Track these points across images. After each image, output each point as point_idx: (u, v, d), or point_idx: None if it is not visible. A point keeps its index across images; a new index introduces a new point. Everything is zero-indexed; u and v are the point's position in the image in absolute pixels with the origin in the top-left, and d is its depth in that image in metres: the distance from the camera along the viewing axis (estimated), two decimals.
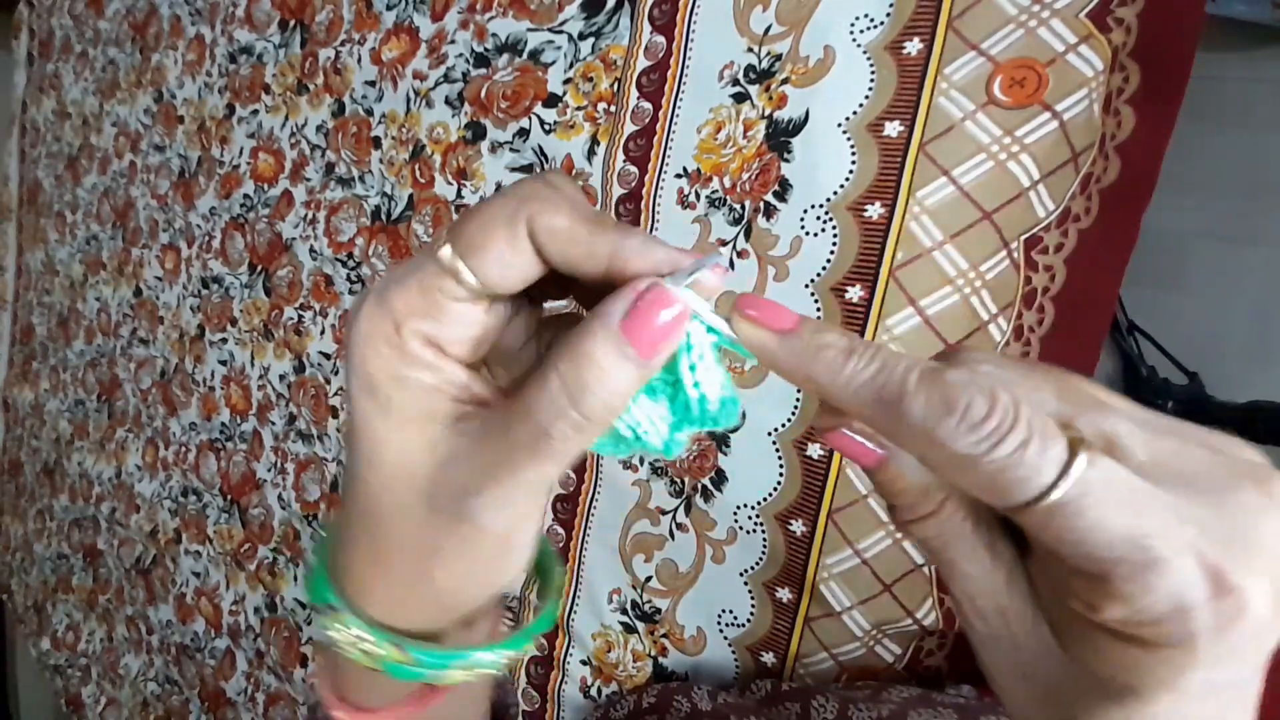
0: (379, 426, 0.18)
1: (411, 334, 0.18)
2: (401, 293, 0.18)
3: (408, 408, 0.18)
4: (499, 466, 0.18)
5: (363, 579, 0.20)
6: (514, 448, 0.17)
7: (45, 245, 1.30)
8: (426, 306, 0.18)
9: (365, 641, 0.19)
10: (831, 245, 0.48)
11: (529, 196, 0.18)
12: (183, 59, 1.00)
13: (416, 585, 0.20)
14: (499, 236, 0.17)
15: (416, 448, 0.18)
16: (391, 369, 0.18)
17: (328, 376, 0.82)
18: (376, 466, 0.19)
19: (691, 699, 0.50)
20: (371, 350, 0.18)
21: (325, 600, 0.20)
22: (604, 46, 0.59)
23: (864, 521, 0.49)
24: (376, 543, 0.19)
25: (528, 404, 0.17)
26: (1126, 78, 0.43)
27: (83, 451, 1.21)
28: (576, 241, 0.18)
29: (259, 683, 0.94)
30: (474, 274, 0.17)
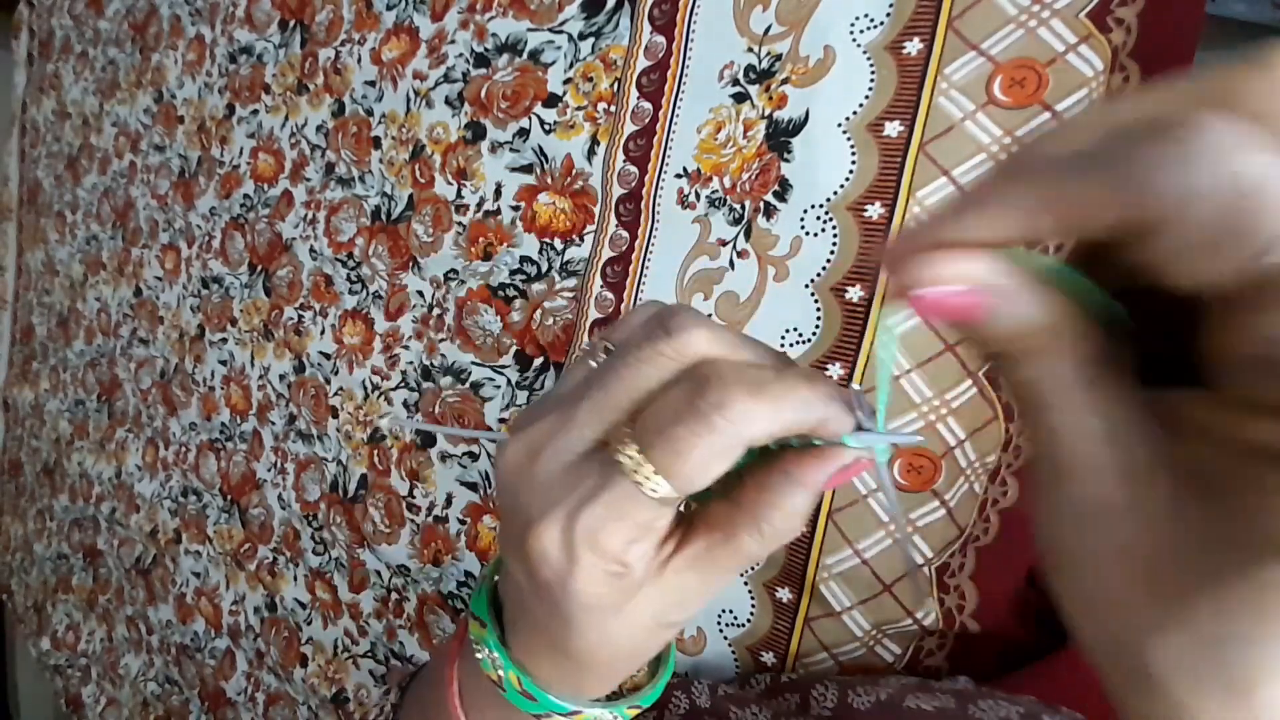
0: (611, 621, 0.20)
1: (635, 558, 0.19)
2: (617, 536, 0.19)
3: (628, 592, 0.20)
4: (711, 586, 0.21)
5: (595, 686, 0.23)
6: (721, 572, 0.20)
7: (45, 245, 1.30)
8: (643, 536, 0.19)
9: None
10: (831, 245, 0.48)
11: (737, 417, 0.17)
12: (183, 59, 1.00)
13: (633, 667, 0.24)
14: (716, 465, 0.18)
15: (634, 610, 0.20)
16: (615, 588, 0.20)
17: (328, 376, 0.82)
18: (608, 637, 0.21)
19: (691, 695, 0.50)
20: (596, 586, 0.19)
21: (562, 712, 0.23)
22: (604, 46, 0.59)
23: (864, 521, 0.49)
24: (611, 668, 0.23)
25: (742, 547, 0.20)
26: (1126, 78, 0.43)
27: (83, 451, 1.21)
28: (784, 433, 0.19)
29: (259, 683, 0.94)
30: (682, 493, 0.18)
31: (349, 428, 0.80)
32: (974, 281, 0.15)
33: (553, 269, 0.63)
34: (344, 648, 0.84)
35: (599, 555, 0.19)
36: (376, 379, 0.77)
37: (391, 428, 0.77)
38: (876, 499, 0.49)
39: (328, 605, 0.85)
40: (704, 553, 0.20)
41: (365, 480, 0.79)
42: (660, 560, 0.20)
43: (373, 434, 0.78)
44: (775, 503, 0.19)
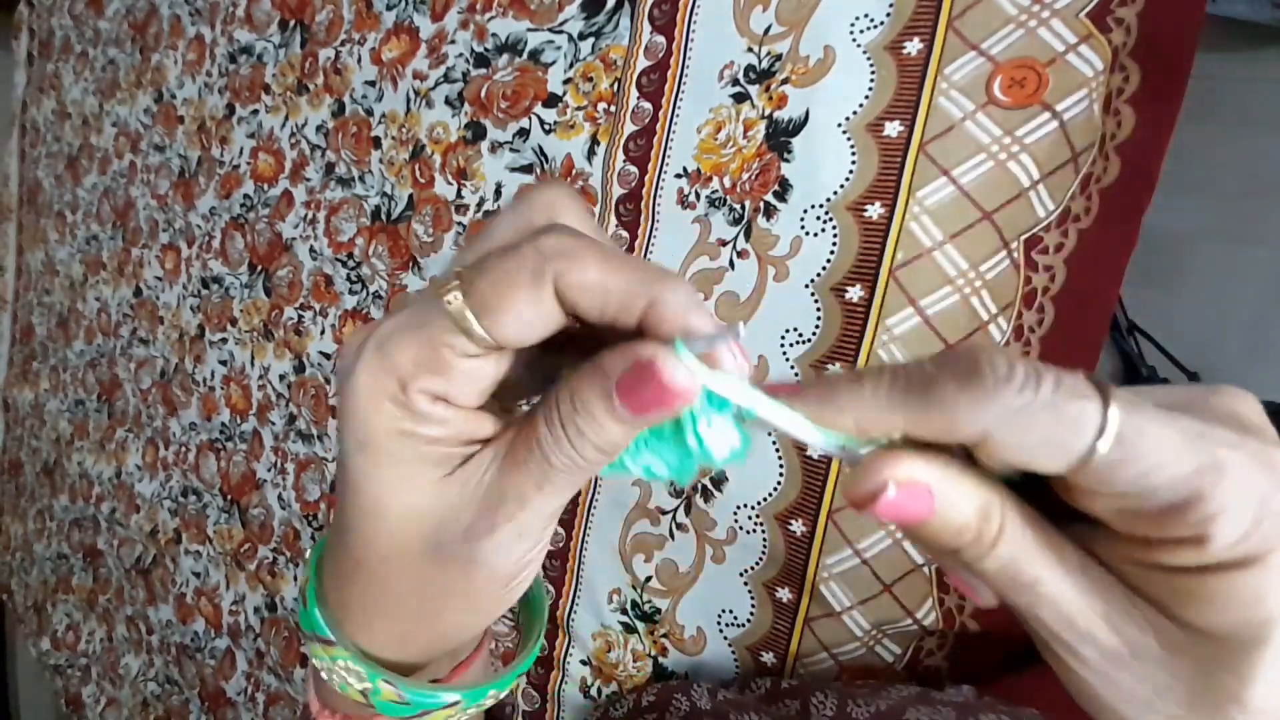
0: (380, 482, 0.18)
1: (418, 392, 0.17)
2: (407, 348, 0.17)
3: (412, 463, 0.17)
4: (508, 501, 0.17)
5: (364, 615, 0.20)
6: (524, 480, 0.17)
7: (45, 245, 1.30)
8: (435, 364, 0.17)
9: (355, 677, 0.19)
10: (831, 245, 0.48)
11: (554, 252, 0.16)
12: (183, 59, 1.00)
13: (420, 625, 0.20)
14: (520, 297, 0.16)
15: (419, 498, 0.18)
16: (396, 426, 0.17)
17: (328, 376, 0.82)
18: (378, 520, 0.18)
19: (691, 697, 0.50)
20: (374, 407, 0.17)
21: (317, 630, 0.20)
22: (604, 46, 0.59)
23: (864, 521, 0.49)
24: (379, 589, 0.19)
25: (537, 434, 0.17)
26: (1126, 78, 0.43)
27: (83, 451, 1.21)
28: (611, 295, 0.16)
29: (259, 683, 0.94)
30: (489, 333, 0.16)
31: None
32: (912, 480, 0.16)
33: None
34: None
35: (382, 359, 0.17)
36: None
37: None
38: None
39: None
40: (503, 447, 0.18)
41: None
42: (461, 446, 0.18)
43: None
44: (574, 388, 0.17)
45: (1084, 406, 0.15)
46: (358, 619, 0.20)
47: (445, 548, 0.18)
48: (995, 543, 0.17)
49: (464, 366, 0.17)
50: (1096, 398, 0.15)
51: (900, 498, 0.16)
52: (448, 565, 0.18)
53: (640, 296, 0.16)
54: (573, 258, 0.16)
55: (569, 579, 0.63)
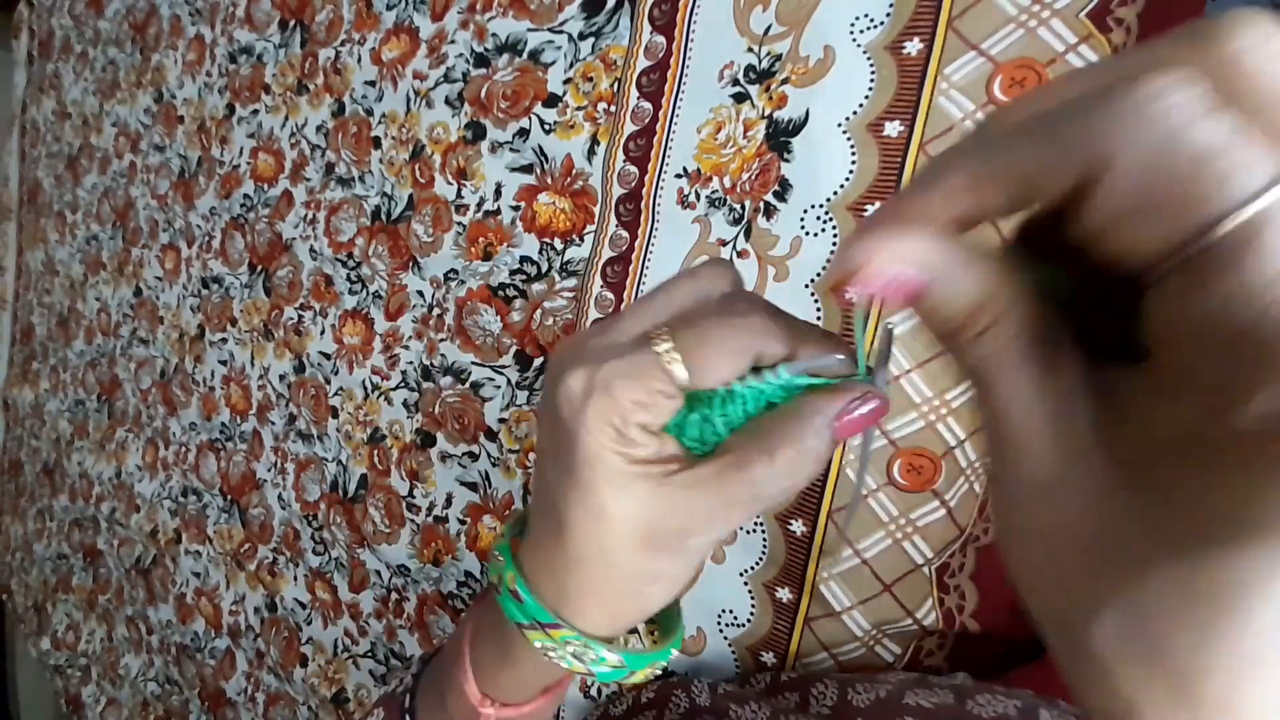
0: (604, 491, 0.22)
1: (635, 426, 0.21)
2: (629, 393, 0.21)
3: (629, 475, 0.22)
4: (718, 515, 0.22)
5: (581, 601, 0.24)
6: (733, 505, 0.21)
7: (45, 245, 1.30)
8: (650, 406, 0.21)
9: (584, 651, 0.24)
10: (832, 245, 0.48)
11: (758, 332, 0.21)
12: (183, 59, 1.00)
13: (630, 603, 0.24)
14: (726, 365, 0.21)
15: (638, 504, 0.22)
16: (616, 448, 0.21)
17: (328, 376, 0.82)
18: (604, 520, 0.22)
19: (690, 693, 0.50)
20: (601, 434, 0.21)
21: (544, 620, 0.24)
22: (604, 46, 0.59)
23: (864, 521, 0.49)
24: (599, 577, 0.23)
25: (754, 477, 0.21)
26: None
27: (83, 451, 1.21)
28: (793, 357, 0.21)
29: (259, 683, 0.94)
30: (693, 382, 0.21)
31: (349, 428, 0.80)
32: (911, 262, 0.15)
33: (553, 269, 0.63)
34: (344, 648, 0.84)
35: (609, 400, 0.21)
36: (376, 379, 0.77)
37: None
38: (876, 499, 0.49)
39: (328, 605, 0.85)
40: (714, 475, 0.21)
41: (365, 480, 0.79)
42: (659, 463, 0.22)
43: (373, 434, 0.78)
44: (788, 430, 0.21)
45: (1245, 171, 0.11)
46: (576, 605, 0.24)
47: (658, 540, 0.22)
48: (981, 335, 0.16)
49: (667, 405, 0.21)
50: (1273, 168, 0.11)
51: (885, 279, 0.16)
52: (663, 554, 0.22)
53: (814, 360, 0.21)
54: (771, 336, 0.21)
55: None
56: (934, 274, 0.15)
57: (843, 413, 0.21)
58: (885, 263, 0.16)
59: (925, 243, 0.15)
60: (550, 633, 0.24)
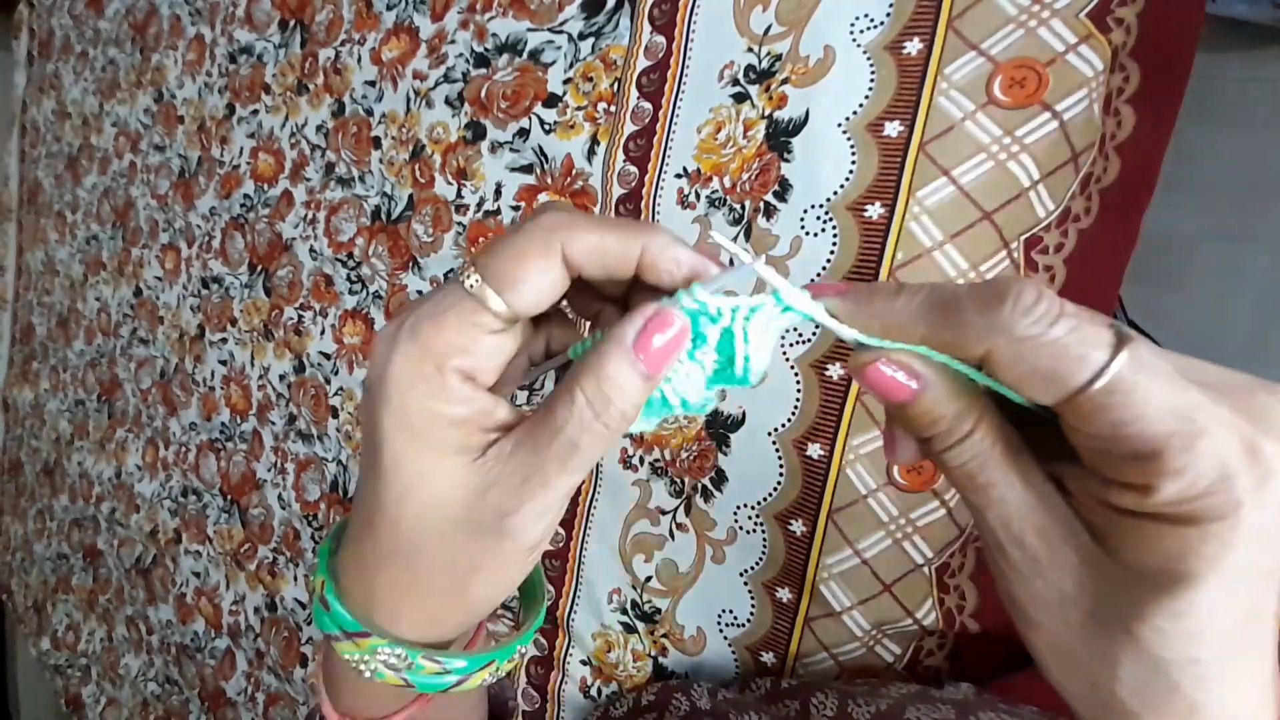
0: (414, 464, 0.19)
1: (452, 371, 0.19)
2: (439, 330, 0.18)
3: (443, 443, 0.19)
4: (533, 481, 0.19)
5: (392, 604, 0.21)
6: (546, 462, 0.19)
7: (45, 245, 1.30)
8: (465, 342, 0.19)
9: (393, 662, 0.20)
10: (831, 245, 0.48)
11: (555, 225, 0.19)
12: (183, 59, 1.00)
13: (452, 602, 0.21)
14: (534, 266, 0.19)
15: (451, 478, 0.19)
16: (431, 407, 0.19)
17: (328, 376, 0.82)
18: (411, 503, 0.19)
19: (690, 697, 0.50)
20: (410, 391, 0.18)
21: (349, 629, 0.21)
22: (604, 46, 0.59)
23: (864, 521, 0.49)
24: (413, 570, 0.20)
25: (557, 420, 0.19)
26: (1126, 78, 0.43)
27: (83, 451, 1.21)
28: (609, 251, 0.19)
29: (259, 683, 0.94)
30: (510, 305, 0.19)
31: (349, 428, 0.80)
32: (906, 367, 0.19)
33: None
34: None
35: (417, 344, 0.19)
36: None
37: None
38: (876, 499, 0.49)
39: None
40: (528, 431, 0.19)
41: None
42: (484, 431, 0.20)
43: None
44: (588, 361, 0.19)
45: (1088, 354, 0.16)
46: (387, 609, 0.21)
47: (475, 524, 0.19)
48: (962, 441, 0.19)
49: (487, 343, 0.19)
50: (1107, 348, 0.17)
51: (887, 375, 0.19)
52: (478, 539, 0.20)
53: (633, 245, 0.20)
54: (572, 227, 0.19)
55: (569, 579, 0.63)
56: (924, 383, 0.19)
57: (640, 334, 0.19)
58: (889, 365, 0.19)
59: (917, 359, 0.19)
60: (358, 642, 0.21)
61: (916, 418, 0.19)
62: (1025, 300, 0.17)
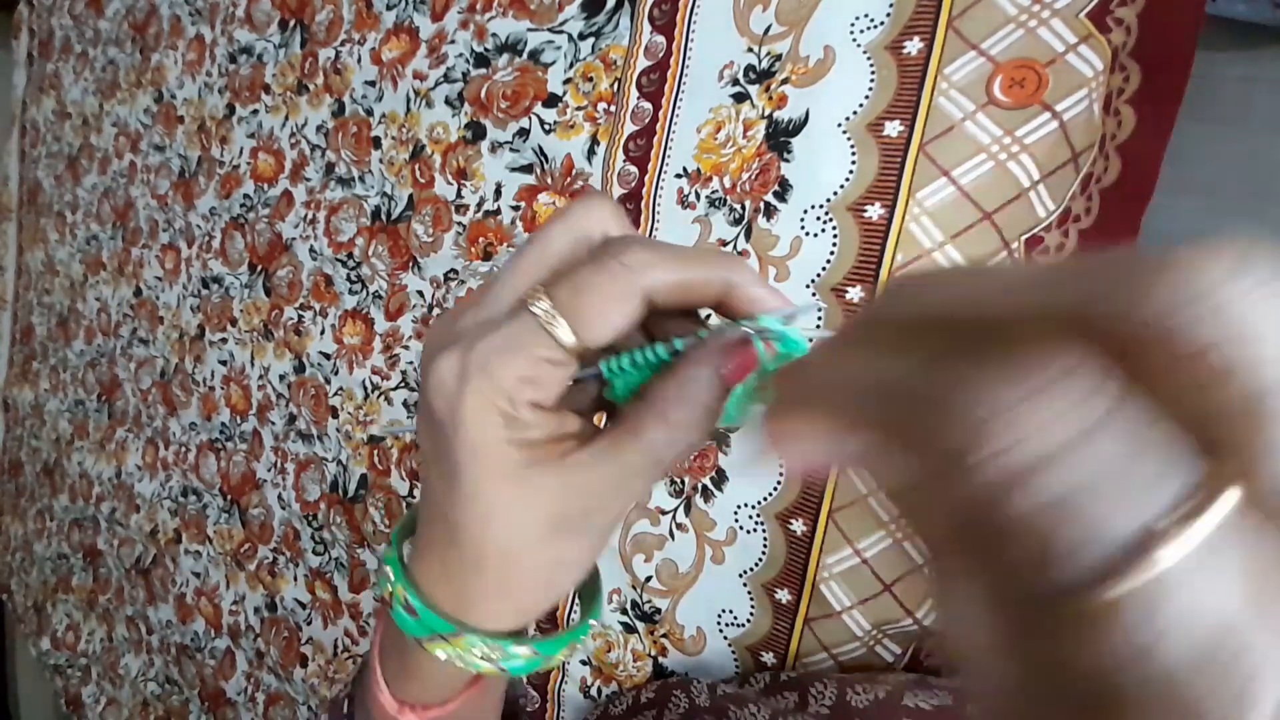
0: (495, 492, 0.20)
1: (525, 406, 0.19)
2: (512, 368, 0.18)
3: (520, 465, 0.19)
4: (619, 490, 0.20)
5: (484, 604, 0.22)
6: (632, 476, 0.20)
7: (45, 245, 1.30)
8: (537, 379, 0.19)
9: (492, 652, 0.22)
10: (831, 246, 0.48)
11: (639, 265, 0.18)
12: (183, 59, 1.00)
13: (539, 595, 0.22)
14: (615, 309, 0.18)
15: (533, 499, 0.20)
16: (505, 437, 0.19)
17: (328, 376, 0.82)
18: (495, 524, 0.20)
19: (690, 694, 0.50)
20: (488, 427, 0.19)
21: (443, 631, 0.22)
22: (604, 46, 0.59)
23: (864, 521, 0.49)
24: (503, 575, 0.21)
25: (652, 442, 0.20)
26: (1126, 78, 0.43)
27: (83, 451, 1.21)
28: (691, 290, 0.19)
29: (259, 683, 0.94)
30: (582, 341, 0.19)
31: (349, 428, 0.80)
32: None
33: None
34: (344, 648, 0.84)
35: (489, 381, 0.18)
36: (376, 379, 0.77)
37: (387, 434, 0.77)
38: (876, 498, 0.49)
39: (328, 605, 0.85)
40: (609, 445, 0.20)
41: (365, 480, 0.79)
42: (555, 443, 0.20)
43: (372, 435, 0.78)
44: (677, 388, 0.19)
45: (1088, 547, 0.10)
46: (479, 607, 0.22)
47: (560, 529, 0.20)
48: None
49: (556, 374, 0.19)
50: None
51: None
52: (565, 540, 0.21)
53: (717, 282, 0.19)
54: (656, 267, 0.18)
55: None
56: None
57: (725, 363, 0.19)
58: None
59: None
60: (453, 641, 0.22)
61: None
62: None
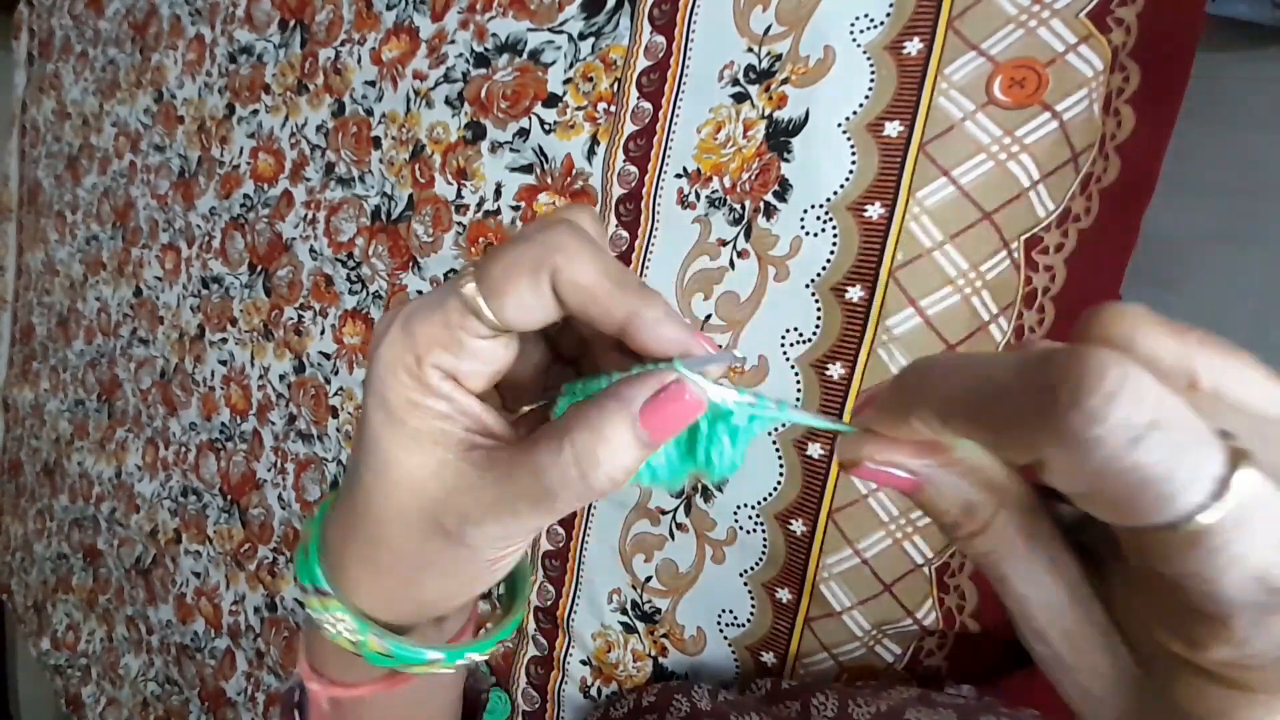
0: (390, 444, 0.19)
1: (431, 367, 0.19)
2: (425, 325, 0.19)
3: (420, 432, 0.19)
4: (501, 507, 0.19)
5: (354, 573, 0.21)
6: (519, 497, 0.19)
7: (45, 245, 1.30)
8: (448, 341, 0.19)
9: (347, 627, 0.21)
10: (831, 245, 0.48)
11: (556, 246, 0.18)
12: (183, 59, 1.00)
13: (404, 589, 0.21)
14: (522, 283, 0.18)
15: (424, 469, 0.19)
16: (409, 395, 0.19)
17: (328, 376, 0.82)
18: (384, 478, 0.20)
19: (691, 698, 0.50)
20: (391, 376, 0.19)
21: (316, 583, 0.21)
22: (604, 46, 0.59)
23: (864, 521, 0.49)
24: (373, 546, 0.21)
25: (539, 464, 0.18)
26: (1126, 78, 0.43)
27: (83, 451, 1.21)
28: (596, 300, 0.18)
29: (259, 683, 0.94)
30: (495, 315, 0.18)
31: (349, 428, 0.80)
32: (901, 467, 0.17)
33: None
34: None
35: (405, 336, 0.19)
36: None
37: None
38: (876, 498, 0.49)
39: None
40: (507, 456, 0.19)
41: None
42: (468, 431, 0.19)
43: None
44: (588, 416, 0.18)
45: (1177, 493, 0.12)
46: (352, 576, 0.21)
47: (436, 521, 0.19)
48: (975, 535, 0.17)
49: (473, 346, 0.19)
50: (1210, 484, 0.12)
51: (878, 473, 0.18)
52: (436, 536, 0.20)
53: (621, 306, 0.18)
54: (571, 255, 0.18)
55: (569, 579, 0.63)
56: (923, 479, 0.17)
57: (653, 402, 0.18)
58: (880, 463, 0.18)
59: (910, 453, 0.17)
60: (324, 600, 0.21)
61: (922, 506, 0.18)
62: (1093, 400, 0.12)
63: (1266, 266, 1.07)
